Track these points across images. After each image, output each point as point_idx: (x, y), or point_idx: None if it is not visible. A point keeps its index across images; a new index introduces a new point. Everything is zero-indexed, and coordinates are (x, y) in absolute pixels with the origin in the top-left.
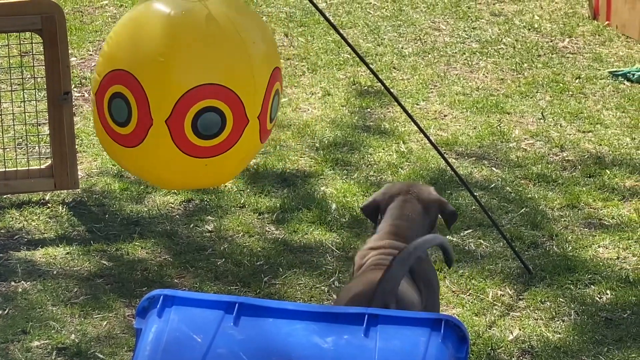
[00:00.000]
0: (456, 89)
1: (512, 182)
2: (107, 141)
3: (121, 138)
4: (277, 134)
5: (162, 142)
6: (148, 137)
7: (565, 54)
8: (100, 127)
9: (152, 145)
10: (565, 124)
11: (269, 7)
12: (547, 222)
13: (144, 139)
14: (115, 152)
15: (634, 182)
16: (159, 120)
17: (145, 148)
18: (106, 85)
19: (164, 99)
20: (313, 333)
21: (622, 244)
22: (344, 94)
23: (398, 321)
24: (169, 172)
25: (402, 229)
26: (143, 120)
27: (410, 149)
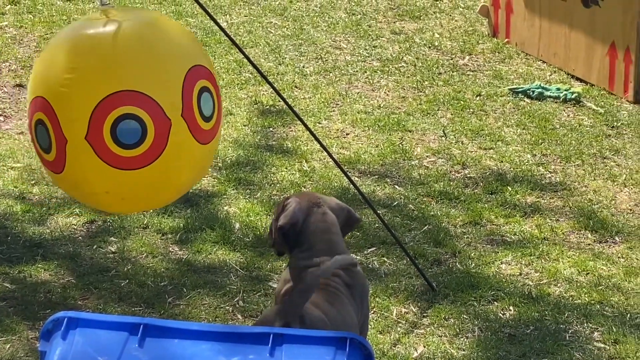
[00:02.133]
0: (358, 107)
1: (414, 199)
2: (47, 171)
3: (50, 165)
4: None
5: (86, 159)
6: (68, 157)
7: (465, 72)
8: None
9: (77, 165)
10: (467, 141)
11: None
12: (450, 239)
13: (66, 161)
14: (56, 182)
15: (535, 198)
16: (77, 138)
17: (71, 170)
18: (30, 113)
19: (77, 117)
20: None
21: (524, 260)
22: (246, 114)
23: (303, 340)
24: (108, 191)
25: (335, 243)
26: (59, 142)
27: (313, 167)
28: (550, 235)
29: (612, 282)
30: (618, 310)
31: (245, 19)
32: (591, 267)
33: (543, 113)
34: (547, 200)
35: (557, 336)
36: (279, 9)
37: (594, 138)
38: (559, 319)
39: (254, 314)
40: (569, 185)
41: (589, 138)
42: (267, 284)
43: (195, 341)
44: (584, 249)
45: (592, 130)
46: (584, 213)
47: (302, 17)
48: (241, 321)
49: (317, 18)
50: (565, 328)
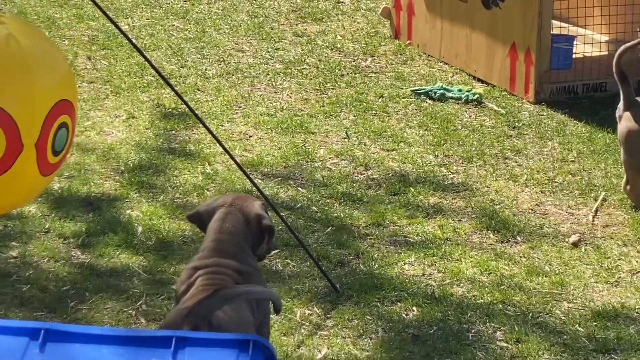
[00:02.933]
0: (260, 109)
1: (317, 201)
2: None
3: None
4: (82, 158)
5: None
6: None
7: (368, 74)
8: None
9: None
10: (369, 143)
11: (70, 30)
12: (353, 240)
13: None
14: None
15: (437, 199)
16: None
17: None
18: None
19: None
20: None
21: (427, 261)
22: (149, 117)
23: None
24: None
25: (225, 244)
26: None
27: (216, 170)
28: (452, 235)
29: (514, 281)
30: (520, 310)
31: (147, 21)
32: (493, 267)
33: (445, 114)
34: (450, 200)
35: (460, 336)
36: (181, 12)
37: (495, 138)
38: (462, 319)
39: (157, 317)
40: (471, 186)
41: (491, 139)
42: (171, 287)
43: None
44: (486, 249)
45: (494, 130)
46: (486, 213)
47: (204, 20)
48: (144, 325)
49: (220, 21)
50: (468, 328)
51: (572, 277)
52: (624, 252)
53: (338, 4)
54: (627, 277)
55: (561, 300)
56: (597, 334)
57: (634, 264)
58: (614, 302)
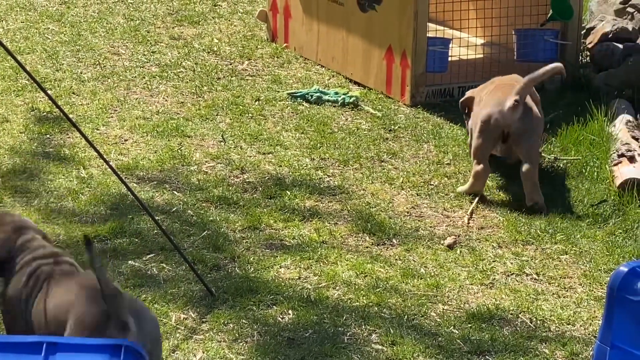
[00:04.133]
0: (136, 113)
1: (193, 205)
2: None
3: None
4: None
5: None
6: None
7: (244, 77)
8: None
9: None
10: (246, 146)
11: None
12: (229, 244)
13: None
14: None
15: (314, 202)
16: None
17: None
18: None
19: None
20: None
21: (304, 264)
22: (23, 121)
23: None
24: None
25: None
26: None
27: (91, 174)
28: (328, 238)
29: (390, 284)
30: (396, 312)
31: (22, 24)
32: (369, 270)
33: (321, 117)
34: (326, 204)
35: (336, 339)
36: (56, 15)
37: (371, 141)
38: (338, 322)
39: None
40: (347, 189)
41: (367, 141)
42: None
43: None
44: (362, 252)
45: (370, 133)
46: (362, 216)
47: (80, 23)
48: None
49: (95, 24)
50: (344, 331)
51: (447, 279)
52: (498, 254)
53: (215, 7)
54: (502, 278)
55: (436, 303)
56: (472, 336)
57: (508, 265)
58: (489, 303)
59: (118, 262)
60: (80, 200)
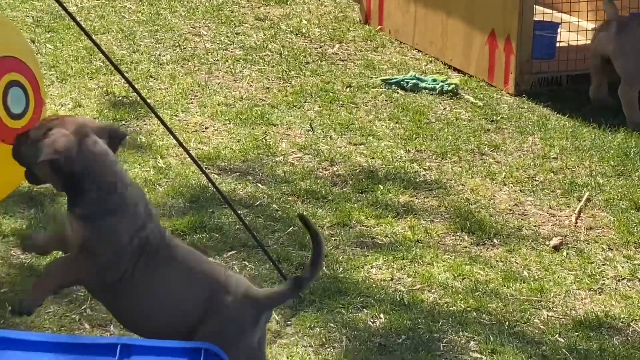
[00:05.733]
0: (218, 99)
1: (278, 199)
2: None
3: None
4: None
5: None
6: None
7: (335, 61)
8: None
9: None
10: (336, 136)
11: (14, 11)
12: None
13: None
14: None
15: (408, 197)
16: None
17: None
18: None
19: None
20: None
21: (396, 264)
22: (97, 105)
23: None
24: None
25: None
26: None
27: (169, 164)
28: (424, 237)
29: (490, 287)
30: (496, 318)
31: (96, 2)
32: (467, 272)
33: (418, 106)
34: (421, 199)
35: (431, 346)
36: None
37: (471, 133)
38: (433, 328)
39: (103, 322)
40: (445, 184)
41: (467, 133)
42: None
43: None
44: (460, 252)
45: (470, 124)
46: (461, 213)
47: (159, 1)
48: (89, 331)
49: (175, 2)
50: (440, 337)
51: (552, 284)
52: (608, 256)
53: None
54: (612, 283)
55: (540, 308)
56: (579, 345)
57: (619, 269)
58: (598, 310)
59: None
60: (157, 192)
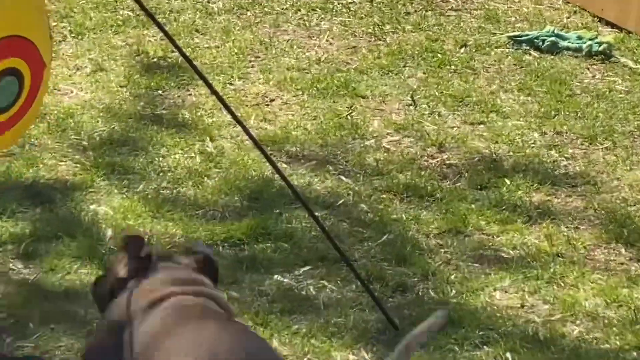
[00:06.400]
0: (287, 61)
1: (369, 196)
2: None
3: None
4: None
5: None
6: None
7: (445, 11)
8: None
9: None
10: (446, 113)
11: None
12: (420, 254)
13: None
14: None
15: (544, 196)
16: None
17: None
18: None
19: None
20: None
21: (528, 286)
22: (125, 69)
23: None
24: None
25: None
26: None
27: (222, 149)
28: (566, 249)
29: None
30: None
31: None
32: (625, 297)
33: (557, 72)
34: (562, 199)
35: None
36: None
37: (630, 109)
38: None
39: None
40: (594, 178)
41: (624, 110)
42: None
43: None
44: (614, 271)
45: (629, 98)
46: (616, 218)
47: None
48: None
49: None
50: None
51: None
52: None
53: None
54: None
55: None
56: None
57: None
58: None
59: (259, 277)
60: (205, 186)
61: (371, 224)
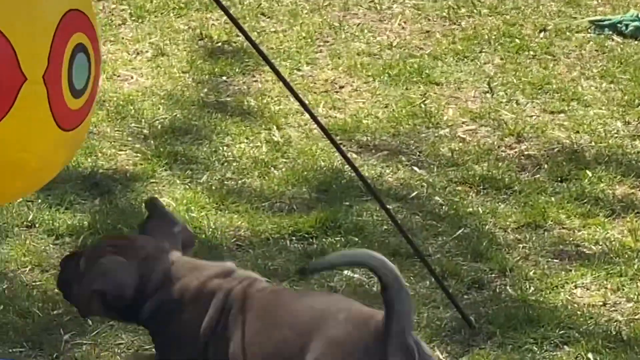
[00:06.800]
0: (358, 46)
1: (443, 188)
2: None
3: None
4: None
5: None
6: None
7: None
8: None
9: None
10: (524, 101)
11: None
12: (498, 249)
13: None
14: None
15: (628, 188)
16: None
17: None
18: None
19: None
20: None
21: (611, 283)
22: (187, 54)
23: None
24: None
25: None
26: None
27: (288, 138)
28: None
29: None
30: None
31: None
32: None
33: None
34: None
35: None
36: None
37: None
38: None
39: None
40: None
41: None
42: None
43: None
44: None
45: None
46: None
47: None
48: None
49: None
50: None
51: None
52: None
53: None
54: None
55: None
56: None
57: None
58: None
59: (328, 272)
60: (271, 177)
61: (446, 217)
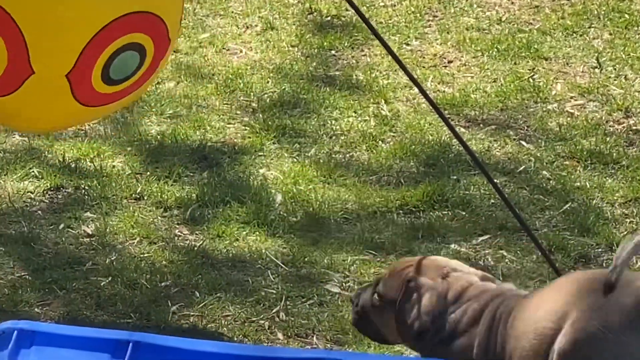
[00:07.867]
0: (467, 21)
1: (551, 163)
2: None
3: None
4: (193, 88)
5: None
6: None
7: None
8: None
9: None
10: (633, 76)
11: None
12: (605, 224)
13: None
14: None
15: None
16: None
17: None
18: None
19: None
20: None
21: None
22: (296, 28)
23: None
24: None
25: None
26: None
27: (397, 111)
28: None
29: None
30: None
31: None
32: None
33: None
34: None
35: None
36: None
37: None
38: None
39: (302, 331)
40: None
41: None
42: (323, 287)
43: None
44: None
45: None
46: None
47: None
48: (282, 342)
49: None
50: None
51: None
52: None
53: None
54: None
55: None
56: None
57: None
58: None
59: (435, 245)
60: (379, 151)
61: (553, 191)
